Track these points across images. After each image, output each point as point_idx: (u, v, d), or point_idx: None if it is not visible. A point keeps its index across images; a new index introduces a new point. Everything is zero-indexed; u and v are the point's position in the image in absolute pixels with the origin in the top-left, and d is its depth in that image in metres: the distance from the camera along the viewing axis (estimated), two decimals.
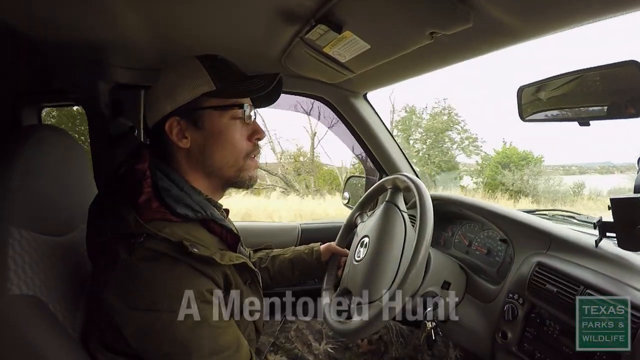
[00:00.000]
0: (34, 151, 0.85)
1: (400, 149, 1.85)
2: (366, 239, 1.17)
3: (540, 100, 1.10)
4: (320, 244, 1.37)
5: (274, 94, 1.03)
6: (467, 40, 1.01)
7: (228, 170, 0.93)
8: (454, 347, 1.40)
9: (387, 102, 14.83)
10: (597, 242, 1.02)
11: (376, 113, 1.81)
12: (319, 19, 0.99)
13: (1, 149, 0.82)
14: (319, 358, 1.28)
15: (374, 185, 1.35)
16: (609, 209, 0.93)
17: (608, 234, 0.99)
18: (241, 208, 9.09)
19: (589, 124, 0.97)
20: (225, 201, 1.06)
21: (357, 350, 1.33)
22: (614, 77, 0.93)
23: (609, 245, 1.02)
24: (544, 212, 1.58)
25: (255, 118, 0.97)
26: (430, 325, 1.13)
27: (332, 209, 10.10)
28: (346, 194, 2.10)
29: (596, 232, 1.02)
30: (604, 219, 1.00)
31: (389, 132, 1.83)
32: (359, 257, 1.15)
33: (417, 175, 1.73)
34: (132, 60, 1.41)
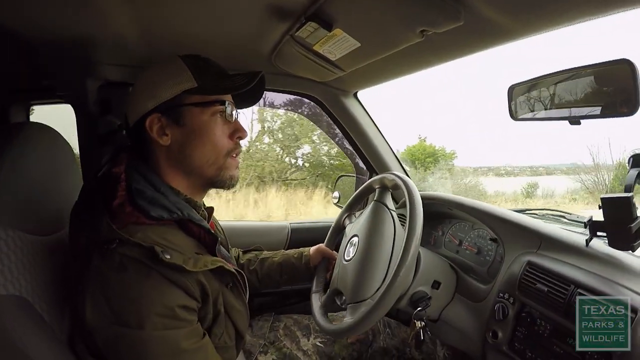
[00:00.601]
0: (20, 149, 0.83)
1: (391, 148, 1.84)
2: (355, 239, 1.17)
3: (531, 99, 1.10)
4: (310, 249, 1.35)
5: (257, 92, 1.03)
6: (458, 38, 1.00)
7: (208, 169, 0.92)
8: (442, 346, 1.41)
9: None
10: (587, 241, 1.02)
11: (367, 112, 1.80)
12: (309, 16, 0.98)
13: None
14: (307, 354, 1.28)
15: (362, 187, 1.35)
16: (599, 208, 0.93)
17: (599, 233, 0.99)
18: None
19: (579, 123, 0.96)
20: None
21: (345, 341, 1.34)
22: (606, 75, 0.92)
23: (600, 244, 1.02)
24: (534, 212, 1.59)
25: (237, 117, 0.97)
26: (419, 325, 1.12)
27: None
28: (336, 193, 2.09)
29: (586, 231, 1.02)
30: (594, 219, 1.00)
31: (379, 131, 1.82)
32: (349, 256, 1.14)
33: (407, 174, 1.73)
34: (121, 57, 1.39)
